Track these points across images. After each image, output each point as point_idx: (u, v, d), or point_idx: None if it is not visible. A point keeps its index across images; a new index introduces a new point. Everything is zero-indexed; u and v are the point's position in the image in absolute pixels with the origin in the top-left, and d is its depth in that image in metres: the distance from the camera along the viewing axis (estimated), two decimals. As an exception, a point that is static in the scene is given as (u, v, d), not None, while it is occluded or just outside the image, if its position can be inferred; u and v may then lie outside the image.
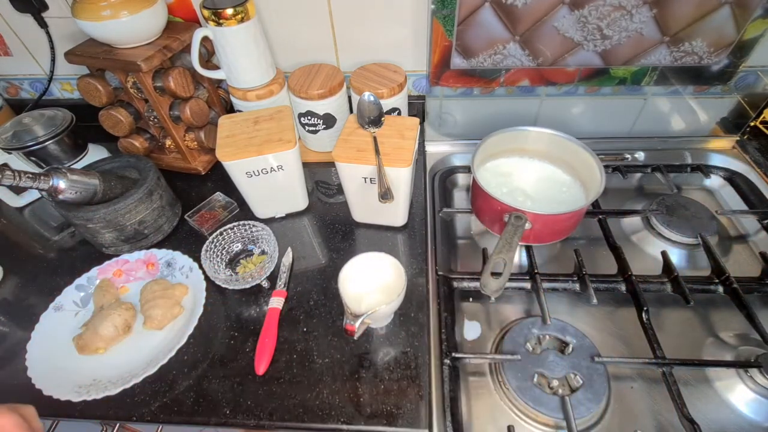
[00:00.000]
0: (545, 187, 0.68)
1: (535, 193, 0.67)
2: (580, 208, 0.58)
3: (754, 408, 0.49)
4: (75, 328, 0.57)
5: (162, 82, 0.67)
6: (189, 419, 0.49)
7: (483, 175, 0.68)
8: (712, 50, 0.68)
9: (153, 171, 0.66)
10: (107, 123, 0.71)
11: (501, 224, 0.59)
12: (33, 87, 0.89)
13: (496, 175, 0.69)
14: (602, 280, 0.60)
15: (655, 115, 0.79)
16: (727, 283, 0.57)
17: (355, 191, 0.63)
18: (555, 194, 0.66)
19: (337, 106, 0.74)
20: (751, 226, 0.69)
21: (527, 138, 0.69)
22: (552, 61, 0.71)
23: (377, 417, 0.47)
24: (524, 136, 0.69)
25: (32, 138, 0.71)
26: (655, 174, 0.76)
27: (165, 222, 0.68)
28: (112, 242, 0.64)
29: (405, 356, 0.53)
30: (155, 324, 0.56)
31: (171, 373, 0.52)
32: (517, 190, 0.67)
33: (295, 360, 0.53)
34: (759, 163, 0.77)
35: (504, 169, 0.70)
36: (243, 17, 0.63)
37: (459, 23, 0.67)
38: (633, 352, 0.54)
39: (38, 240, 0.71)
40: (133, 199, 0.61)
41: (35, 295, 0.63)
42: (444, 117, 0.81)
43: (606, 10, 0.64)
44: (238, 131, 0.63)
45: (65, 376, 0.51)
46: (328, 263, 0.64)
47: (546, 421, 0.48)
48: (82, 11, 0.60)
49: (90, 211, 0.59)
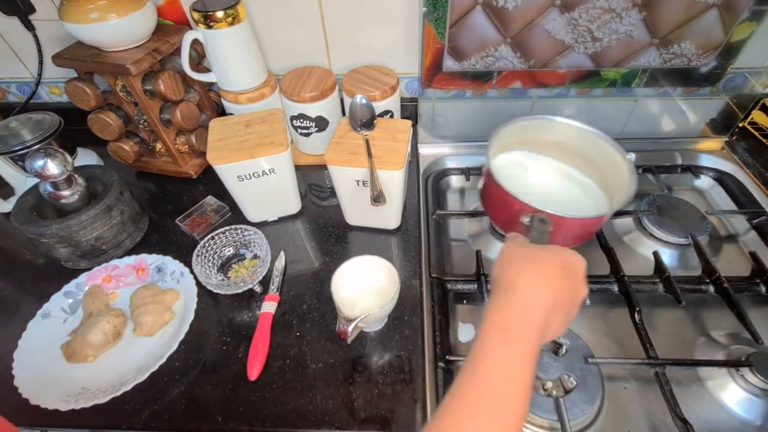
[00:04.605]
0: (563, 186, 0.62)
1: (552, 192, 0.61)
2: (605, 214, 0.52)
3: (745, 407, 0.49)
4: (63, 335, 0.56)
5: (152, 85, 0.66)
6: (180, 427, 0.48)
7: (497, 167, 0.60)
8: (701, 52, 0.69)
9: (115, 186, 0.63)
10: (96, 127, 0.71)
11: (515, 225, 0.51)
12: (20, 90, 0.88)
13: (510, 167, 0.63)
14: (595, 280, 0.60)
15: (646, 117, 0.80)
16: (717, 283, 0.58)
17: (348, 194, 0.63)
18: (574, 195, 0.61)
19: (329, 109, 0.74)
20: (740, 225, 0.70)
21: (550, 129, 0.62)
22: (543, 63, 0.71)
23: (371, 422, 0.47)
24: (546, 126, 0.62)
25: (19, 142, 0.70)
26: (646, 175, 0.77)
27: (126, 238, 0.66)
28: (69, 257, 0.63)
29: (399, 360, 0.52)
30: (146, 330, 0.55)
31: (162, 380, 0.52)
32: (532, 188, 0.62)
33: (288, 365, 0.52)
34: (748, 164, 0.77)
35: (518, 162, 0.64)
36: (234, 20, 0.63)
37: (451, 26, 0.67)
38: (626, 353, 0.55)
39: (26, 246, 0.70)
40: (89, 216, 0.59)
41: (22, 302, 0.62)
42: (437, 119, 0.82)
43: (596, 13, 0.64)
44: (230, 134, 0.62)
45: (53, 385, 0.50)
46: (321, 267, 0.64)
47: (540, 423, 0.48)
48: (70, 14, 0.60)
49: (42, 226, 0.58)
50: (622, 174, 0.57)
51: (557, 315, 0.34)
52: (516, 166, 0.65)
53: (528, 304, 0.33)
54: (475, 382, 0.31)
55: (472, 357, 0.32)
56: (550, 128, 0.63)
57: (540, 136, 0.64)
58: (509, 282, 0.35)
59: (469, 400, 0.30)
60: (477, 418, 0.29)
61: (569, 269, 0.36)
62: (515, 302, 0.34)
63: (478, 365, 0.31)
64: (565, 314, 0.35)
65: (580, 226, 0.54)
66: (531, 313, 0.33)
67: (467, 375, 0.31)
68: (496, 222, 0.62)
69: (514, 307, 0.33)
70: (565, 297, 0.35)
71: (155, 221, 0.72)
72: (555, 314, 0.34)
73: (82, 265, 0.64)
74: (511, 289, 0.35)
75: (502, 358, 0.31)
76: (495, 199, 0.58)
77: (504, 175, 0.56)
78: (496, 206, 0.59)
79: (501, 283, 0.36)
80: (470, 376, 0.31)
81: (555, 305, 0.34)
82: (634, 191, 0.53)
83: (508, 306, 0.34)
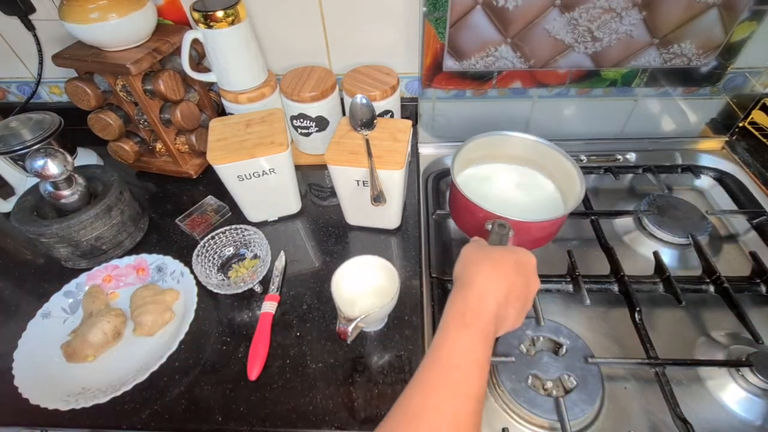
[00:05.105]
0: (525, 193, 0.67)
1: (515, 200, 0.66)
2: (561, 217, 0.57)
3: (745, 407, 0.49)
4: (63, 335, 0.56)
5: (152, 85, 0.66)
6: (180, 427, 0.48)
7: (462, 180, 0.67)
8: (701, 52, 0.68)
9: (115, 186, 0.64)
10: (96, 127, 0.71)
11: (481, 232, 0.56)
12: (20, 90, 0.88)
13: (475, 180, 0.68)
14: (595, 280, 0.60)
15: (646, 117, 0.80)
16: (718, 283, 0.58)
17: (348, 194, 0.63)
18: (535, 201, 0.66)
19: (329, 109, 0.74)
20: (740, 225, 0.70)
21: (507, 143, 0.67)
22: (543, 63, 0.71)
23: (371, 422, 0.47)
24: (503, 141, 0.67)
25: (20, 142, 0.70)
26: (647, 175, 0.77)
27: (126, 238, 0.66)
28: (68, 257, 0.63)
29: (399, 360, 0.52)
30: (146, 330, 0.55)
31: (162, 380, 0.52)
32: (496, 197, 0.66)
33: (288, 365, 0.52)
34: (748, 164, 0.77)
35: (483, 174, 0.69)
36: (234, 19, 0.63)
37: (451, 25, 0.67)
38: (626, 353, 0.55)
39: (26, 245, 0.70)
40: (89, 216, 0.59)
41: (22, 302, 0.62)
42: (437, 119, 0.81)
43: (596, 13, 0.64)
44: (230, 134, 0.62)
45: (53, 385, 0.50)
46: (321, 267, 0.64)
47: (540, 422, 0.48)
48: (70, 14, 0.60)
49: (42, 225, 0.58)
50: (573, 178, 0.61)
51: (512, 306, 0.39)
52: (479, 178, 0.69)
53: (483, 294, 0.38)
54: (438, 360, 0.35)
55: (435, 341, 0.37)
56: (507, 142, 0.68)
57: (499, 150, 0.69)
58: (468, 278, 0.40)
59: (434, 376, 0.34)
60: (441, 390, 0.33)
61: (521, 265, 0.41)
62: (472, 293, 0.38)
63: (440, 348, 0.36)
64: (521, 305, 0.40)
65: (538, 228, 0.58)
66: (486, 301, 0.38)
67: (431, 357, 0.36)
68: (462, 229, 0.67)
69: (471, 298, 0.38)
70: (519, 290, 0.40)
71: (155, 221, 0.72)
72: (510, 305, 0.39)
73: (82, 264, 0.64)
74: (469, 283, 0.39)
75: (460, 339, 0.36)
76: (460, 208, 0.64)
77: (468, 186, 0.62)
78: (461, 214, 0.65)
79: (461, 280, 0.41)
80: (433, 356, 0.36)
81: (508, 296, 0.38)
82: (583, 194, 0.58)
83: (466, 297, 0.38)
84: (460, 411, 0.32)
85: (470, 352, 0.35)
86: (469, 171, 0.69)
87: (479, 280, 0.39)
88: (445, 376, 0.34)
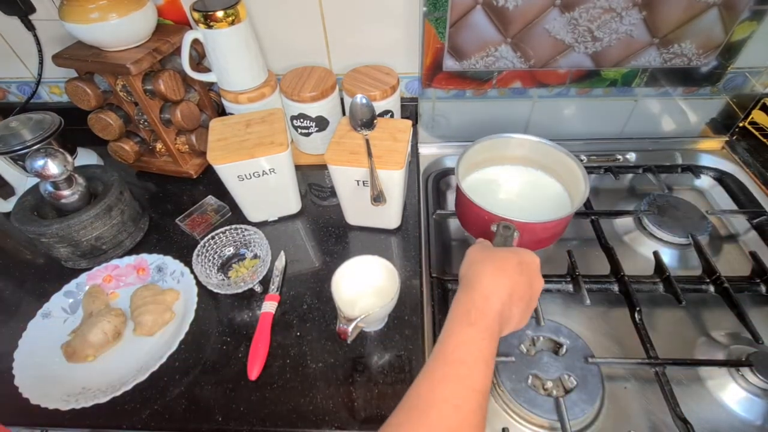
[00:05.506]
0: (531, 194, 0.67)
1: (521, 201, 0.66)
2: (566, 216, 0.57)
3: (745, 406, 0.49)
4: (63, 335, 0.56)
5: (152, 85, 0.66)
6: (181, 426, 0.48)
7: (468, 184, 0.67)
8: (701, 52, 0.68)
9: (116, 186, 0.63)
10: (96, 127, 0.71)
11: (487, 234, 0.55)
12: (20, 90, 0.88)
13: (481, 183, 0.68)
14: (595, 280, 0.60)
15: (646, 117, 0.80)
16: (718, 283, 0.58)
17: (348, 194, 0.63)
18: (541, 201, 0.66)
19: (329, 109, 0.74)
20: (740, 225, 0.70)
21: (509, 145, 0.67)
22: (543, 63, 0.71)
23: (372, 422, 0.47)
24: (506, 144, 0.67)
25: (20, 142, 0.70)
26: (647, 174, 0.77)
27: (126, 237, 0.66)
28: (69, 257, 0.63)
29: (399, 359, 0.52)
30: (146, 330, 0.55)
31: (162, 379, 0.52)
32: (503, 199, 0.67)
33: (289, 365, 0.52)
34: (748, 164, 0.77)
35: (489, 176, 0.69)
36: (234, 19, 0.63)
37: (451, 25, 0.67)
38: (626, 353, 0.55)
39: (26, 245, 0.70)
40: (89, 216, 0.59)
41: (22, 302, 0.62)
42: (437, 119, 0.82)
43: (596, 13, 0.64)
44: (230, 134, 0.62)
45: (53, 385, 0.50)
46: (321, 266, 0.64)
47: (540, 422, 0.48)
48: (70, 14, 0.60)
49: (43, 225, 0.58)
50: (577, 178, 0.61)
51: (516, 306, 0.40)
52: (486, 182, 0.69)
53: (488, 293, 0.39)
54: (444, 356, 0.36)
55: (441, 338, 0.37)
56: (510, 144, 0.68)
57: (503, 152, 0.69)
58: (472, 278, 0.41)
59: (440, 370, 0.35)
60: (447, 383, 0.34)
61: (524, 266, 0.42)
62: (477, 293, 0.39)
63: (446, 344, 0.37)
64: (525, 305, 0.41)
65: (543, 229, 0.58)
66: (490, 300, 0.38)
67: (438, 352, 0.37)
68: (469, 231, 0.67)
69: (477, 297, 0.39)
70: (522, 289, 0.40)
71: (155, 221, 0.72)
72: (514, 305, 0.39)
73: (83, 264, 0.64)
74: (474, 284, 0.40)
75: (465, 336, 0.37)
76: (466, 211, 0.64)
77: (476, 190, 0.62)
78: (467, 217, 0.65)
79: (466, 280, 0.42)
80: (440, 352, 0.36)
81: (512, 296, 0.39)
82: (587, 193, 0.58)
83: (471, 296, 0.39)
84: (466, 404, 0.33)
85: (475, 348, 0.36)
86: (475, 175, 0.69)
87: (484, 281, 0.40)
88: (451, 370, 0.35)
